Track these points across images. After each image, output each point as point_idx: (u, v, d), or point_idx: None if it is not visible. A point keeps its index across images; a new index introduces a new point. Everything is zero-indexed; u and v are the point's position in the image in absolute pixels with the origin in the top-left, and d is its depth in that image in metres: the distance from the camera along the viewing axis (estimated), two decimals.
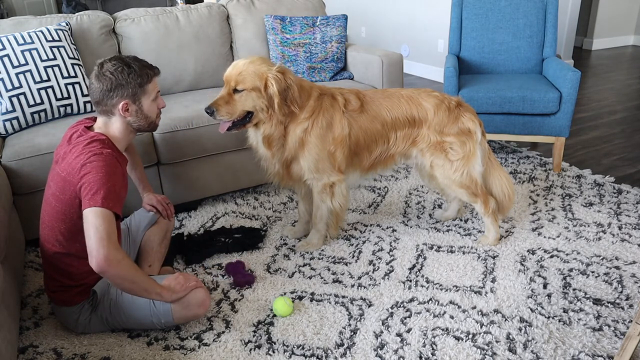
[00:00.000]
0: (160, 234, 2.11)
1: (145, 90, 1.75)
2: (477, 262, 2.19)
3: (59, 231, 1.67)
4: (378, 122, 2.16)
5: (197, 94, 2.98)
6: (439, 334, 1.78)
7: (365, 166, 2.25)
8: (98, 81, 1.69)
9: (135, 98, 1.73)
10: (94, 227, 1.52)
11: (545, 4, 3.24)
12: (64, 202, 1.64)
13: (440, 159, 2.20)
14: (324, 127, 2.10)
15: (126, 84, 1.70)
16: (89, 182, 1.56)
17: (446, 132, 2.17)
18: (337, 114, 2.12)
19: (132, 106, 1.73)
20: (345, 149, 2.15)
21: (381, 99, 2.20)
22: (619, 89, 4.84)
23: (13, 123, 2.41)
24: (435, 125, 2.17)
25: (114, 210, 1.57)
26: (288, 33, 3.18)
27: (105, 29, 2.84)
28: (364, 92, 2.24)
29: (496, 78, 3.16)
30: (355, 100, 2.16)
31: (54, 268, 1.73)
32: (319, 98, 2.12)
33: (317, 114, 2.09)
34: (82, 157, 1.60)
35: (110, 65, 1.70)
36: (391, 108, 2.17)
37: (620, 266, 2.12)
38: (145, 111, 1.78)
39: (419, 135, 2.20)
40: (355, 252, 2.31)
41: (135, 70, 1.72)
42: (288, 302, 1.90)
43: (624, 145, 3.46)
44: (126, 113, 1.73)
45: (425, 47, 5.39)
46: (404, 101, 2.19)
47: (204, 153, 2.61)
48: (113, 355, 1.74)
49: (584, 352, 1.67)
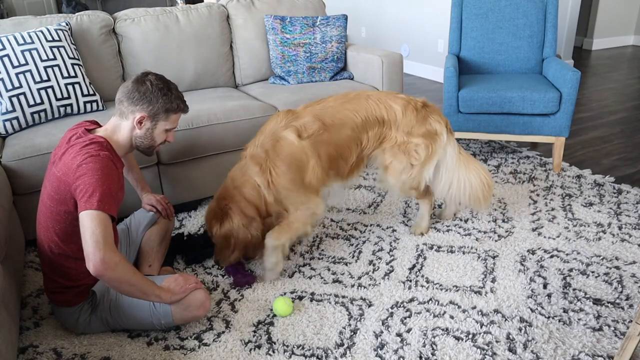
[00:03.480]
0: (160, 234, 2.11)
1: (167, 117, 1.80)
2: (477, 262, 2.19)
3: (54, 232, 1.67)
4: (347, 128, 2.10)
5: (197, 94, 2.98)
6: (439, 334, 1.78)
7: (345, 173, 2.19)
8: (134, 84, 1.73)
9: (155, 117, 1.77)
10: (89, 230, 1.51)
11: (545, 4, 3.24)
12: (59, 202, 1.63)
13: (401, 162, 2.17)
14: (285, 170, 1.99)
15: (156, 102, 1.74)
16: (85, 184, 1.55)
17: (414, 133, 2.15)
18: (290, 149, 2.00)
19: (148, 123, 1.76)
20: (320, 172, 2.06)
21: (344, 104, 2.14)
22: (619, 89, 4.84)
23: (13, 123, 2.41)
24: (403, 126, 2.15)
25: (109, 212, 1.56)
26: (288, 33, 3.18)
27: (105, 29, 2.84)
28: (322, 104, 2.16)
29: (496, 78, 3.16)
30: (312, 121, 2.06)
31: (52, 269, 1.73)
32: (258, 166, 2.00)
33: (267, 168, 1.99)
34: (79, 157, 1.60)
35: (154, 78, 1.76)
36: (358, 110, 2.13)
37: (620, 266, 2.12)
38: (155, 134, 1.81)
39: (387, 136, 2.17)
40: (355, 252, 2.31)
41: (172, 96, 1.77)
42: (288, 302, 1.90)
43: (624, 145, 3.46)
44: (139, 125, 1.75)
45: (425, 47, 5.39)
46: (373, 102, 2.16)
47: (204, 153, 2.61)
48: (113, 355, 1.74)
49: (584, 352, 1.67)
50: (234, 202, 2.00)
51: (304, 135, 2.03)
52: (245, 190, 2.00)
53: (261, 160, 1.99)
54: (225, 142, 2.63)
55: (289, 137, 2.01)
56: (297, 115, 2.10)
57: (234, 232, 1.99)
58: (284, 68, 3.19)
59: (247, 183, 2.00)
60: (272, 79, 3.25)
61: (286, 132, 2.02)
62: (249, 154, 2.05)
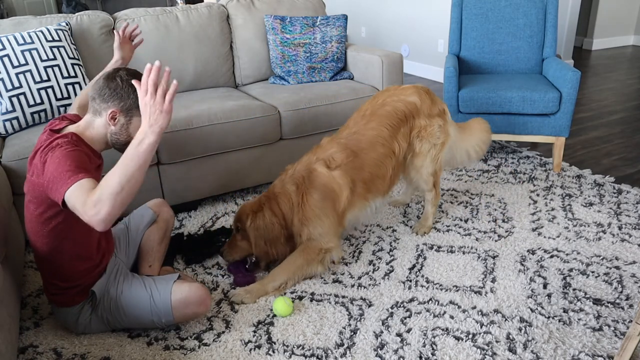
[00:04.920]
0: (159, 233, 2.11)
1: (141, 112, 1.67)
2: (477, 262, 2.19)
3: (42, 234, 1.65)
4: (378, 146, 2.15)
5: (197, 94, 2.98)
6: (439, 334, 1.78)
7: (385, 188, 2.25)
8: (105, 81, 1.67)
9: (128, 113, 1.68)
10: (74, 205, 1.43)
11: (545, 4, 3.24)
12: (38, 205, 1.62)
13: (427, 144, 2.27)
14: (316, 197, 2.06)
15: (127, 97, 1.66)
16: (52, 174, 1.49)
17: (433, 114, 2.27)
18: (322, 179, 2.08)
19: (121, 119, 1.68)
20: (355, 200, 2.14)
21: (367, 124, 2.18)
22: (619, 89, 4.84)
23: (13, 123, 2.41)
24: (424, 110, 2.25)
25: (85, 177, 1.46)
26: (288, 33, 3.18)
27: (105, 29, 2.84)
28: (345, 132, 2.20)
29: (496, 78, 3.16)
30: (339, 151, 2.12)
31: (48, 272, 1.73)
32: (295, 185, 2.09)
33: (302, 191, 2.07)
34: (42, 156, 1.55)
35: (124, 73, 1.68)
36: (381, 121, 2.17)
37: (620, 266, 2.12)
38: (130, 130, 1.70)
39: (414, 125, 2.25)
40: (355, 252, 2.31)
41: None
42: (288, 302, 1.91)
43: (624, 145, 3.46)
44: (112, 121, 1.68)
45: (425, 47, 5.39)
46: (389, 106, 2.20)
47: (204, 153, 2.61)
48: (113, 355, 1.74)
49: (584, 352, 1.67)
50: (269, 203, 2.10)
51: (332, 166, 2.10)
52: (281, 200, 2.10)
53: (298, 182, 2.09)
54: (225, 142, 2.63)
55: (319, 169, 2.10)
56: (323, 148, 2.17)
57: (268, 226, 2.07)
58: (284, 68, 3.19)
59: (284, 195, 2.09)
60: (272, 79, 3.25)
61: (317, 164, 2.11)
62: (290, 174, 2.13)
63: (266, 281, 2.04)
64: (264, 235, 2.07)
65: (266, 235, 2.07)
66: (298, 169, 2.13)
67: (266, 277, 2.06)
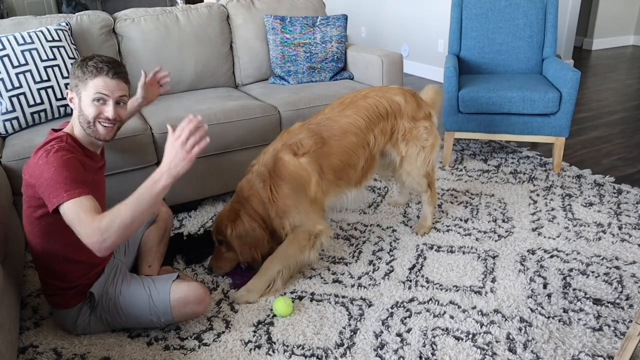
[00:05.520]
0: (158, 233, 2.11)
1: (85, 85, 1.66)
2: (477, 262, 2.19)
3: (37, 235, 1.66)
4: (350, 135, 2.11)
5: (197, 94, 2.98)
6: (439, 334, 1.78)
7: (357, 179, 2.20)
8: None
9: (76, 89, 1.67)
10: (73, 223, 1.46)
11: (545, 4, 3.24)
12: (30, 203, 1.62)
13: (414, 147, 2.25)
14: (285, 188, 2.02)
15: (74, 76, 1.67)
16: (46, 180, 1.50)
17: (418, 118, 2.24)
18: (289, 168, 2.02)
19: (75, 98, 1.68)
20: (325, 186, 2.08)
21: (342, 111, 2.14)
22: (619, 89, 4.84)
23: (13, 123, 2.41)
24: (408, 113, 2.22)
25: (81, 195, 1.48)
26: (288, 33, 3.18)
27: (105, 29, 2.84)
28: (319, 117, 2.16)
29: (496, 78, 3.16)
30: (307, 137, 2.07)
31: (45, 272, 1.73)
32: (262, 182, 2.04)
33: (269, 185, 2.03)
34: (37, 158, 1.56)
35: (80, 58, 1.70)
36: (359, 111, 2.14)
37: (620, 266, 2.12)
38: (82, 107, 1.66)
39: (395, 126, 2.22)
40: (355, 252, 2.31)
41: (86, 65, 1.65)
42: (288, 302, 1.90)
43: (624, 145, 3.46)
44: (71, 103, 1.70)
45: (425, 47, 5.39)
46: (372, 99, 2.18)
47: (204, 153, 2.61)
48: (113, 355, 1.74)
49: (584, 352, 1.67)
50: (243, 208, 2.06)
51: (300, 152, 2.05)
52: (253, 202, 2.06)
53: (265, 177, 2.05)
54: (225, 142, 2.63)
55: (284, 157, 2.04)
56: (292, 133, 2.11)
57: (249, 232, 2.04)
58: (284, 68, 3.19)
59: (254, 197, 2.06)
60: (272, 79, 3.25)
61: (282, 153, 2.06)
62: (255, 170, 2.09)
63: (260, 274, 2.03)
64: (247, 242, 2.05)
65: (249, 240, 2.05)
66: (264, 162, 2.07)
67: (259, 271, 2.05)
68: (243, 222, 2.04)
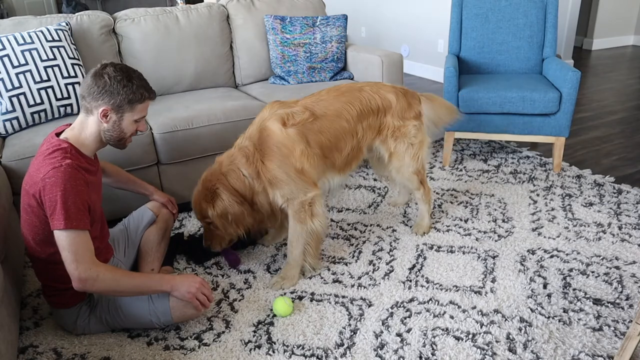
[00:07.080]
0: (159, 233, 2.11)
1: (132, 108, 1.71)
2: (477, 262, 2.19)
3: (35, 240, 1.66)
4: (342, 120, 2.11)
5: (197, 94, 2.98)
6: (439, 334, 1.78)
7: (341, 164, 2.19)
8: (92, 78, 1.66)
9: (119, 109, 1.69)
10: (64, 250, 1.52)
11: (545, 4, 3.24)
12: (31, 213, 1.62)
13: (402, 144, 2.26)
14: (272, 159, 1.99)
15: (117, 94, 1.66)
16: (50, 201, 1.53)
17: (407, 117, 2.25)
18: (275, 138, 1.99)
19: (113, 116, 1.69)
20: (312, 158, 2.05)
21: (338, 97, 2.15)
22: (619, 89, 4.84)
23: (13, 123, 2.41)
24: (397, 112, 2.23)
25: (79, 228, 1.53)
26: (288, 33, 3.18)
27: (105, 29, 2.84)
28: (315, 97, 2.17)
29: (496, 78, 3.16)
30: (300, 111, 2.05)
31: (44, 274, 1.73)
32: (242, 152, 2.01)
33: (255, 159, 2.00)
34: (42, 169, 1.56)
35: (112, 70, 1.67)
36: (352, 101, 2.15)
37: (620, 266, 2.12)
38: (122, 126, 1.73)
39: (384, 123, 2.23)
40: (355, 252, 2.31)
41: (133, 86, 1.69)
42: (288, 302, 1.91)
43: (624, 145, 3.46)
44: (104, 119, 1.69)
45: (425, 47, 5.39)
46: (366, 93, 2.19)
47: (204, 153, 2.61)
48: (113, 355, 1.74)
49: (584, 352, 1.67)
50: (220, 183, 2.01)
51: (289, 123, 2.02)
52: (230, 178, 2.01)
53: (248, 152, 2.00)
54: (225, 142, 2.63)
55: (271, 126, 2.01)
56: (285, 105, 2.10)
57: (228, 209, 2.00)
58: (284, 68, 3.19)
59: (233, 172, 2.01)
60: (272, 79, 3.25)
61: (270, 122, 2.02)
62: (238, 144, 2.06)
63: (288, 262, 2.11)
64: (229, 220, 2.03)
65: (232, 218, 2.02)
66: (250, 134, 2.04)
67: (287, 260, 2.13)
68: (222, 200, 2.00)
